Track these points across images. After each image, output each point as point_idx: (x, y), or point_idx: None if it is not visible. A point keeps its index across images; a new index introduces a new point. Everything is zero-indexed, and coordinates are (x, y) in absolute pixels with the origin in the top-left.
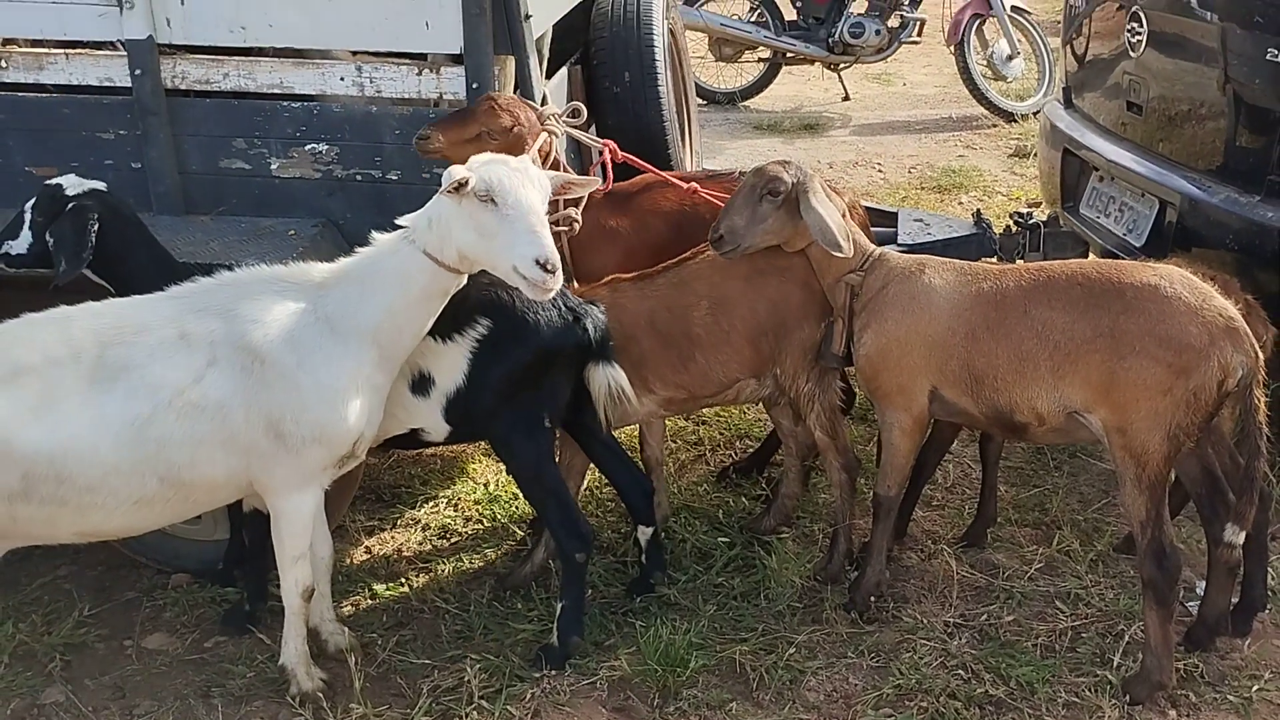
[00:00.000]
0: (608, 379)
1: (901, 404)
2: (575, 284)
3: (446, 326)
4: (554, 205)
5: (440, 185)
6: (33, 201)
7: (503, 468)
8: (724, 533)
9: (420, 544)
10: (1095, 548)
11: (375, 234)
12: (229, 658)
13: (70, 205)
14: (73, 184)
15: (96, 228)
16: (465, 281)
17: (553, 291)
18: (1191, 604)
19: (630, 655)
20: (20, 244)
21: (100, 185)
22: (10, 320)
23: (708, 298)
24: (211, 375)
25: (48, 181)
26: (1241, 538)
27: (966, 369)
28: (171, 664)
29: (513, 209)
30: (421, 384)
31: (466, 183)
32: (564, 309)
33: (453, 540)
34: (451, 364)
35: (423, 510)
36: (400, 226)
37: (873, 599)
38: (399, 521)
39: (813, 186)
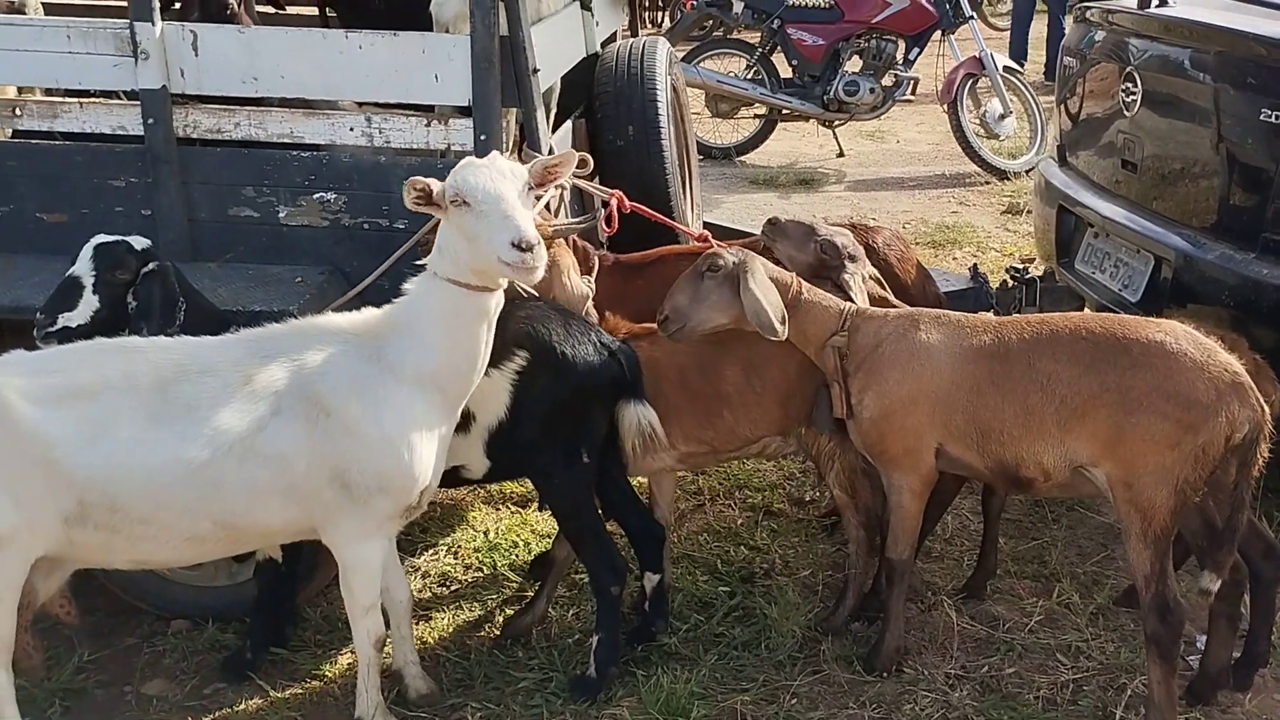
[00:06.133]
0: (638, 416)
1: (909, 465)
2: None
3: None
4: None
5: None
6: (91, 265)
7: (501, 516)
8: (724, 582)
9: (420, 591)
10: (1095, 600)
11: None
12: (228, 705)
13: (153, 265)
14: (141, 242)
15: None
16: (502, 300)
17: (537, 271)
18: (1192, 657)
19: (632, 704)
20: (81, 313)
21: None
22: (80, 342)
23: (742, 357)
24: (275, 425)
25: (103, 240)
26: (1217, 585)
27: (972, 423)
28: (171, 710)
29: (484, 202)
30: (462, 420)
31: (429, 191)
32: (598, 344)
33: (452, 588)
34: (492, 398)
35: (422, 558)
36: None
37: (894, 664)
38: None
39: (753, 268)
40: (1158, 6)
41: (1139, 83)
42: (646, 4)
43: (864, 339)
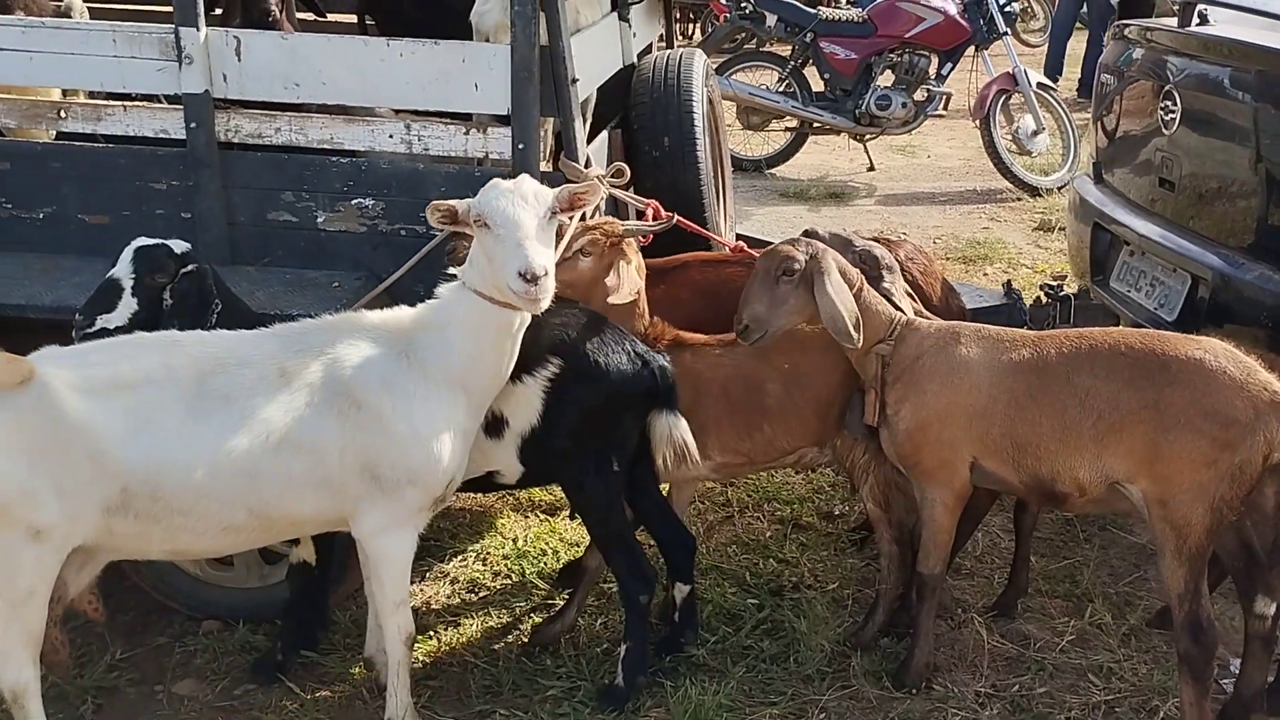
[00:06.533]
0: (669, 427)
1: (944, 479)
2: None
3: (518, 367)
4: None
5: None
6: (131, 268)
7: (530, 523)
8: (753, 595)
9: (449, 597)
10: (1128, 621)
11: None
12: (258, 706)
13: (190, 267)
14: (181, 246)
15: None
16: (527, 318)
17: (541, 303)
18: (1226, 681)
19: (659, 715)
20: (120, 314)
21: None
22: (121, 336)
23: (783, 371)
24: (308, 415)
25: (143, 243)
26: (1273, 609)
27: (1009, 438)
28: (201, 710)
29: (501, 226)
30: (495, 425)
31: (454, 211)
32: (632, 354)
33: (481, 595)
34: (525, 404)
35: (451, 564)
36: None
37: (923, 680)
38: (427, 574)
39: (827, 266)
40: (1198, 25)
41: (1178, 101)
42: (679, 16)
43: (906, 349)
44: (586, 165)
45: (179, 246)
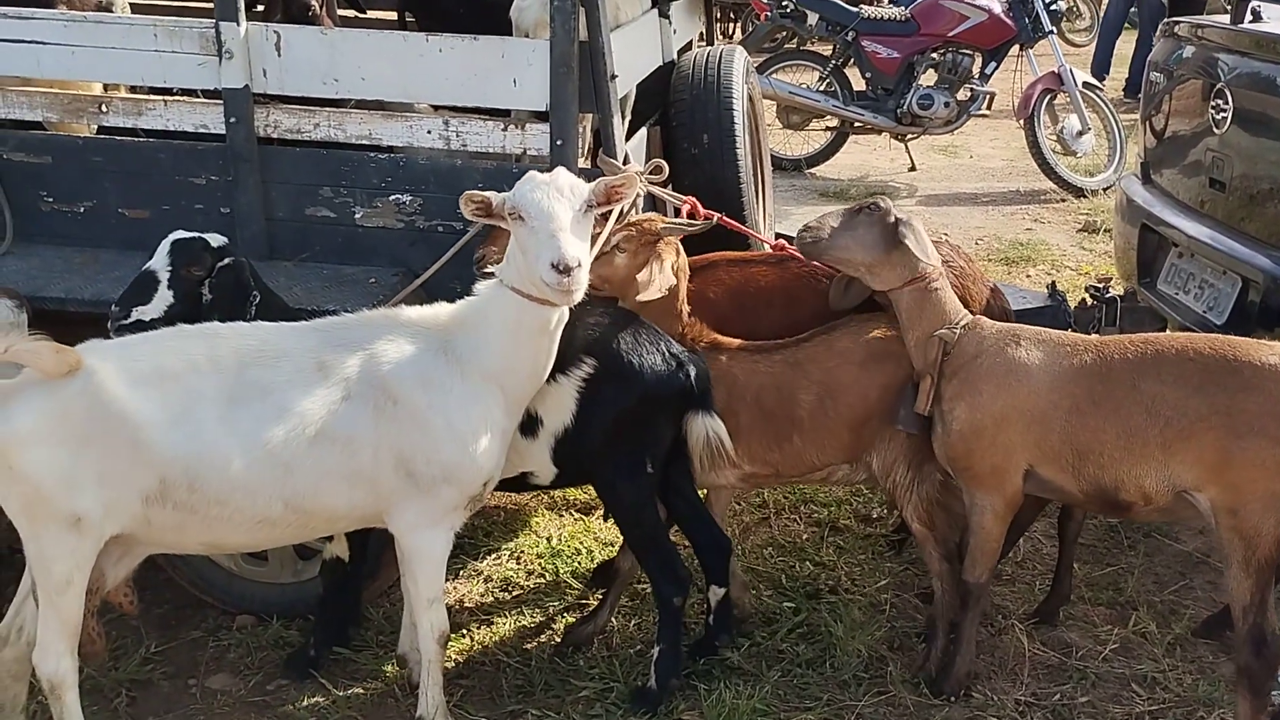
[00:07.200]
0: (706, 428)
1: (995, 486)
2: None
3: (553, 366)
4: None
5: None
6: (168, 260)
7: (565, 522)
8: (789, 598)
9: (482, 595)
10: (1173, 630)
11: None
12: (291, 701)
13: (227, 260)
14: (217, 239)
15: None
16: (565, 316)
17: (574, 295)
18: (1278, 695)
19: (692, 719)
20: (155, 307)
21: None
22: (162, 329)
23: (819, 383)
24: (344, 409)
25: (180, 236)
26: None
27: (1069, 445)
28: (234, 705)
29: (536, 219)
30: (530, 425)
31: (488, 203)
32: (667, 355)
33: (514, 593)
34: (559, 404)
35: (485, 562)
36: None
37: (962, 688)
38: (461, 572)
39: (915, 226)
40: (1251, 21)
41: (1230, 99)
42: (719, 15)
43: (967, 346)
44: (625, 162)
45: (216, 240)
